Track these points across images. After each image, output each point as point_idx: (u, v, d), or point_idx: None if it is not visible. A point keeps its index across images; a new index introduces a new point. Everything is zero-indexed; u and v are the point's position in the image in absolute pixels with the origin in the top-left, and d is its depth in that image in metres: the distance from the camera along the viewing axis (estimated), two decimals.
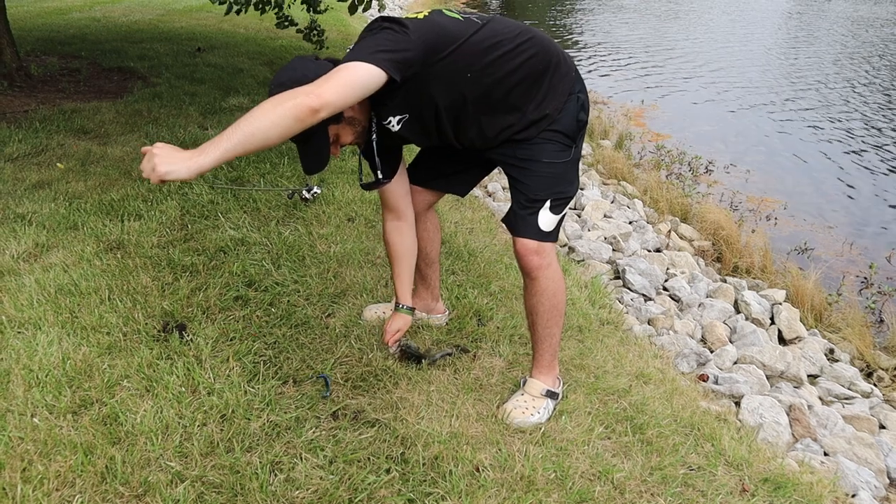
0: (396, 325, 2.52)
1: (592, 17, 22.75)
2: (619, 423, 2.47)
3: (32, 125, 4.84)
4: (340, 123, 2.11)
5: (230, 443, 2.09)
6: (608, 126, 9.07)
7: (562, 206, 2.31)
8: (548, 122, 2.22)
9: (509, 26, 2.19)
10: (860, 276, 5.61)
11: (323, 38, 7.08)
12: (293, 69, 2.05)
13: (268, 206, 3.76)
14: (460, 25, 2.12)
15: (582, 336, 3.10)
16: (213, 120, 5.36)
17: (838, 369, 3.95)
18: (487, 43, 2.11)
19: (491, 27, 2.15)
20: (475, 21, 2.15)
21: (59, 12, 11.03)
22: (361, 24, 13.26)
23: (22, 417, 2.11)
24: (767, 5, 29.86)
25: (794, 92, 12.22)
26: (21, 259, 3.04)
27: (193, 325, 2.65)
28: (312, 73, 1.96)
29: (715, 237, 5.85)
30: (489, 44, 2.12)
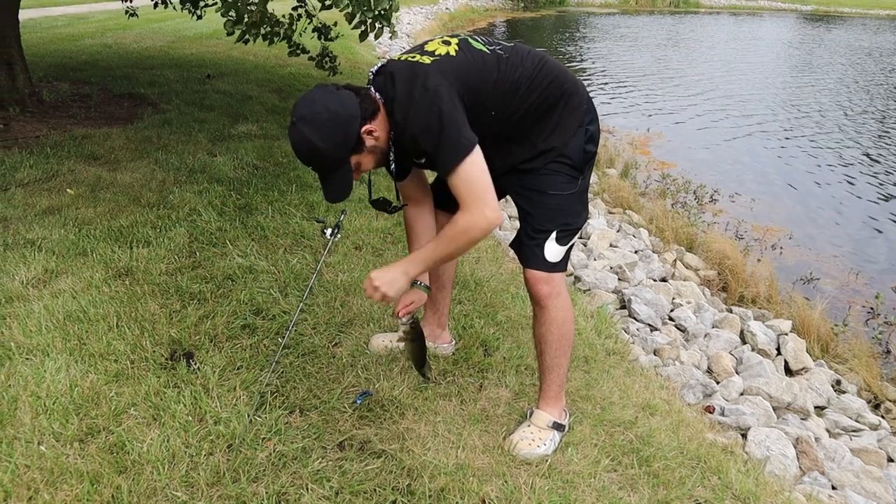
0: (410, 298, 2.41)
1: (596, 46, 22.95)
2: (625, 456, 2.46)
3: (43, 151, 4.89)
4: (363, 153, 2.12)
5: (236, 472, 2.09)
6: (614, 155, 9.11)
7: (568, 238, 2.33)
8: (555, 154, 2.25)
9: (527, 58, 2.22)
10: (866, 306, 5.61)
11: (335, 64, 7.15)
12: (322, 103, 2.01)
13: (275, 234, 3.78)
14: (488, 63, 2.15)
15: (588, 366, 3.10)
16: (222, 147, 5.40)
17: (845, 401, 3.94)
18: (510, 82, 2.16)
19: (512, 61, 2.18)
20: (499, 53, 2.19)
21: (72, 38, 11.16)
22: (369, 51, 13.40)
23: (29, 445, 2.11)
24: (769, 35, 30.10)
25: (798, 121, 12.28)
26: (30, 285, 3.05)
27: (201, 353, 2.66)
28: (349, 109, 2.01)
29: (720, 266, 5.86)
30: (511, 84, 2.16)
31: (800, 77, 18.16)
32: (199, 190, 4.35)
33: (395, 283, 2.16)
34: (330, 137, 2.00)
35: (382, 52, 14.70)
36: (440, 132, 2.00)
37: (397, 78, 2.08)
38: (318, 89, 2.07)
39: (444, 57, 2.10)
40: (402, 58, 2.17)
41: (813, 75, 18.33)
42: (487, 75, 2.13)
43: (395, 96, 2.08)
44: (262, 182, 4.61)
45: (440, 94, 2.00)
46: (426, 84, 2.02)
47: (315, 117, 1.98)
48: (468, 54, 2.14)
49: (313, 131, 1.99)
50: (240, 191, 4.40)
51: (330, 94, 2.04)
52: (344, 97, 2.04)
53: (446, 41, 2.19)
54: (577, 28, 29.70)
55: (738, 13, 42.93)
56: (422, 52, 2.15)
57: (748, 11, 44.51)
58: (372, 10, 4.60)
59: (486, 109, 2.15)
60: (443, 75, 2.04)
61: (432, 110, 2.00)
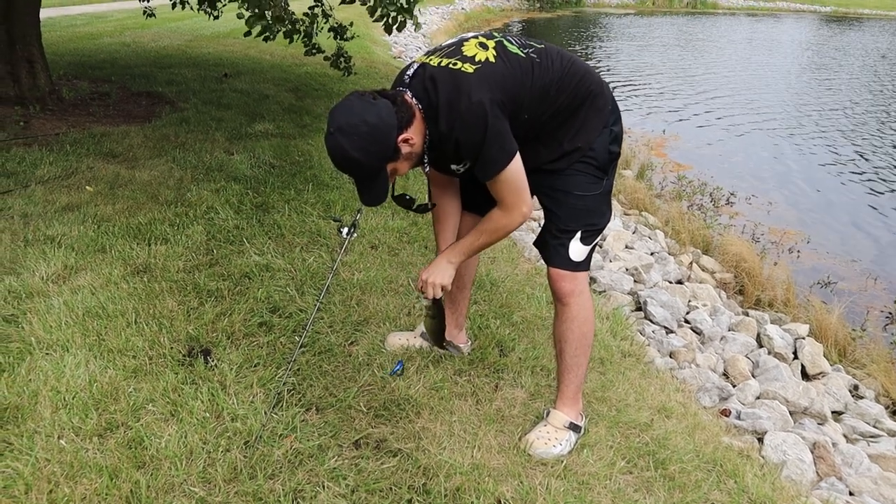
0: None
1: (611, 47, 22.88)
2: (641, 458, 2.45)
3: (63, 148, 4.93)
4: (399, 160, 2.12)
5: (253, 469, 2.10)
6: (630, 156, 9.09)
7: (592, 237, 2.34)
8: (579, 155, 2.26)
9: (556, 60, 2.22)
10: (885, 311, 5.56)
11: (350, 64, 7.17)
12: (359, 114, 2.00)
13: (292, 233, 3.80)
14: (524, 68, 2.15)
15: (604, 368, 3.09)
16: (239, 145, 5.43)
17: (863, 406, 3.90)
18: (542, 86, 2.16)
19: (544, 65, 2.18)
20: (533, 57, 2.18)
21: (91, 37, 11.26)
22: (384, 51, 13.43)
23: (49, 439, 2.14)
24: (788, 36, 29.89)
25: (817, 123, 12.19)
26: (50, 281, 3.08)
27: (218, 350, 2.67)
28: (387, 119, 2.01)
29: (737, 269, 5.83)
30: (543, 88, 2.17)
31: (819, 79, 18.03)
32: (216, 188, 4.37)
33: (445, 272, 2.36)
34: (368, 148, 2.01)
35: (398, 52, 14.72)
36: (483, 143, 2.05)
37: (440, 87, 2.07)
38: (355, 98, 2.05)
39: (486, 65, 2.09)
40: (443, 63, 2.12)
41: (833, 78, 18.19)
42: (525, 81, 2.13)
43: (437, 105, 2.07)
44: (279, 181, 4.63)
45: (484, 107, 2.02)
46: (471, 97, 2.02)
47: (353, 129, 1.98)
48: (507, 61, 2.13)
49: (351, 142, 1.98)
50: (257, 189, 4.42)
51: (367, 105, 2.02)
52: (381, 107, 2.03)
53: (483, 44, 2.16)
54: (592, 28, 29.63)
55: (756, 14, 42.69)
56: (462, 57, 2.11)
57: (766, 12, 44.25)
58: (395, 4, 4.60)
59: (522, 114, 2.16)
60: (487, 86, 2.04)
61: (478, 123, 2.03)
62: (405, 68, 2.23)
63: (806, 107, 13.72)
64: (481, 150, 2.07)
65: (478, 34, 2.26)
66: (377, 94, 2.08)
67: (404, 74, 2.20)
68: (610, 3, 43.18)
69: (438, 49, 2.23)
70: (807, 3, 49.09)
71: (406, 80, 2.17)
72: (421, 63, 2.19)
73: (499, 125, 2.06)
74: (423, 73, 2.14)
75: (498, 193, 2.17)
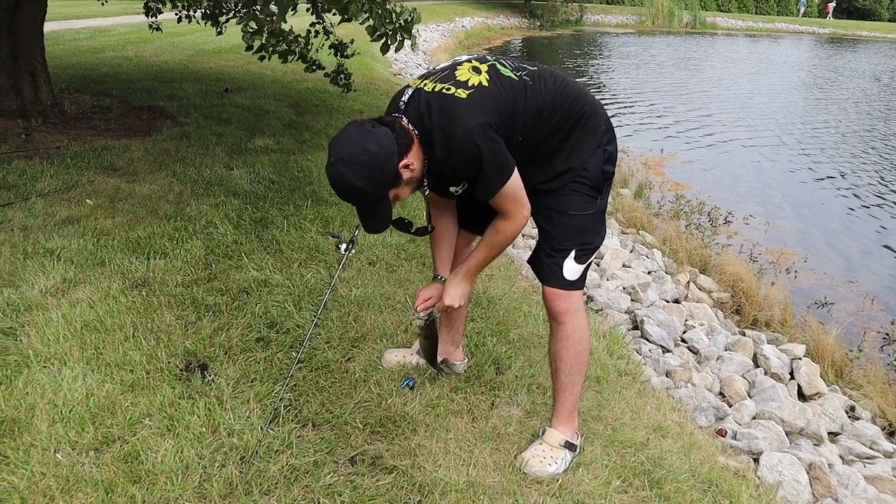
0: (429, 293, 2.51)
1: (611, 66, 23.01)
2: (636, 477, 2.46)
3: (64, 161, 4.95)
4: (401, 186, 2.14)
5: (249, 485, 2.10)
6: (628, 175, 9.12)
7: (587, 256, 2.36)
8: (573, 175, 2.28)
9: (549, 82, 2.25)
10: (882, 332, 5.57)
11: (350, 81, 7.21)
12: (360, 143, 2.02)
13: (291, 248, 3.81)
14: (517, 91, 2.17)
15: (600, 387, 3.10)
16: (239, 160, 5.45)
17: (859, 427, 3.91)
18: (535, 108, 2.19)
19: (537, 87, 2.21)
20: (526, 80, 2.21)
21: (93, 51, 11.31)
22: (385, 68, 13.50)
23: (45, 452, 2.14)
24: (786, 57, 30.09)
25: (815, 144, 12.25)
26: (49, 294, 3.09)
27: (215, 365, 2.68)
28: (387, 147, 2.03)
29: (734, 289, 5.84)
30: (536, 110, 2.19)
31: (817, 100, 18.14)
32: (215, 203, 4.39)
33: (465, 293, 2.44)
34: (370, 177, 2.02)
35: (398, 69, 14.80)
36: (481, 166, 2.08)
37: (434, 112, 2.10)
38: (353, 128, 2.06)
39: (479, 89, 2.11)
40: (437, 88, 2.14)
41: (831, 99, 18.30)
42: (518, 104, 2.16)
43: (432, 130, 2.10)
44: (278, 196, 4.65)
45: (479, 133, 2.05)
46: (466, 122, 2.05)
47: (354, 158, 1.99)
48: (499, 85, 2.15)
49: (353, 172, 2.00)
50: (256, 204, 4.43)
51: (367, 133, 2.04)
52: (380, 135, 2.04)
53: (476, 68, 2.18)
54: (592, 47, 29.81)
55: (755, 35, 42.97)
56: (455, 82, 2.13)
57: (765, 33, 44.55)
58: (393, 23, 4.63)
59: (515, 136, 2.18)
60: (480, 111, 2.07)
61: (473, 149, 2.06)
62: (400, 93, 2.25)
63: (807, 128, 13.78)
64: (479, 173, 2.10)
65: (471, 57, 2.28)
66: (375, 121, 2.10)
67: (399, 100, 2.21)
68: (609, 23, 43.47)
69: (433, 73, 2.25)
70: (805, 25, 49.50)
71: (402, 106, 2.18)
72: (415, 88, 2.20)
73: (494, 147, 2.08)
74: (417, 98, 2.16)
75: (500, 206, 2.21)
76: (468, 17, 32.62)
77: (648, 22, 43.65)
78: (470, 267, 2.39)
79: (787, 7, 57.07)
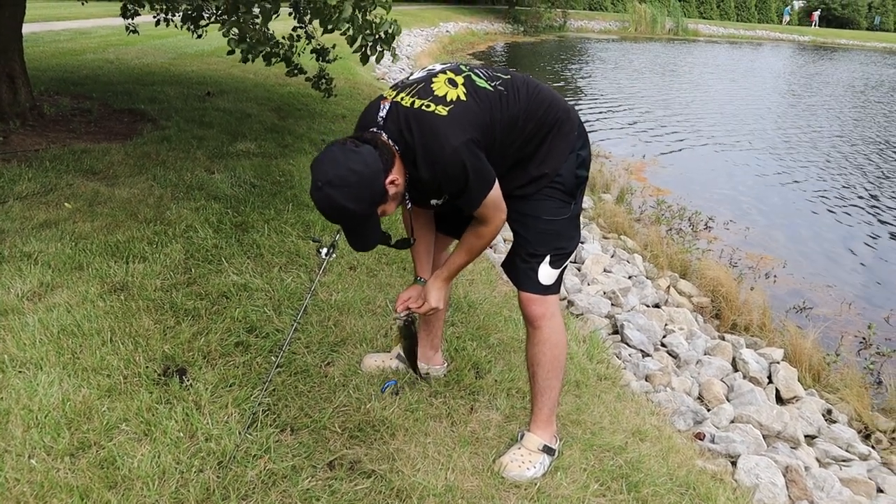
0: (409, 294, 2.50)
1: (593, 71, 23.14)
2: (614, 481, 2.47)
3: (42, 164, 4.91)
4: (388, 202, 2.14)
5: (226, 490, 2.09)
6: (609, 180, 9.17)
7: (562, 261, 2.38)
8: (547, 180, 2.30)
9: (522, 89, 2.26)
10: (859, 336, 5.63)
11: (332, 86, 7.20)
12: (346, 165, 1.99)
13: (271, 253, 3.80)
14: (493, 103, 2.18)
15: (579, 391, 3.11)
16: (220, 164, 5.43)
17: (836, 430, 3.95)
18: (511, 117, 2.21)
19: (511, 96, 2.22)
20: (500, 90, 2.22)
21: (74, 53, 11.22)
22: (368, 72, 13.49)
23: (19, 458, 2.12)
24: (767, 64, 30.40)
25: (794, 150, 12.39)
26: (25, 298, 3.06)
27: (194, 369, 2.67)
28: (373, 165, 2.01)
29: (714, 294, 5.88)
30: (512, 119, 2.21)
31: (796, 107, 18.34)
32: (196, 207, 4.37)
33: (445, 295, 2.47)
34: (359, 197, 2.01)
35: (382, 74, 14.81)
36: (466, 182, 2.10)
37: (415, 131, 2.09)
38: (337, 149, 2.04)
39: (458, 104, 2.11)
40: (416, 104, 2.12)
41: (810, 105, 18.51)
42: (495, 115, 2.17)
43: (415, 149, 2.09)
44: (259, 200, 4.63)
45: (463, 151, 2.06)
46: (449, 141, 2.05)
47: (342, 180, 1.97)
48: (476, 98, 2.16)
49: (342, 194, 1.98)
50: (237, 208, 4.42)
51: (351, 153, 2.01)
52: (365, 153, 2.02)
53: (452, 81, 2.18)
54: (576, 53, 29.96)
55: (737, 42, 43.39)
56: (434, 98, 2.12)
57: (746, 41, 44.99)
58: (373, 35, 4.63)
59: (495, 147, 2.19)
60: (461, 128, 2.07)
61: (458, 168, 2.07)
62: (375, 105, 2.22)
63: (786, 134, 13.94)
64: (465, 189, 2.12)
65: (445, 68, 2.27)
66: (356, 140, 2.08)
67: (376, 114, 2.18)
68: (593, 29, 43.73)
69: (408, 84, 2.22)
70: (785, 33, 50.05)
71: (380, 122, 2.16)
72: (392, 101, 2.18)
73: (477, 164, 2.10)
74: (396, 113, 2.14)
75: (481, 215, 2.23)
76: (452, 23, 32.69)
77: (631, 28, 43.96)
78: (451, 271, 2.41)
79: (767, 15, 57.73)
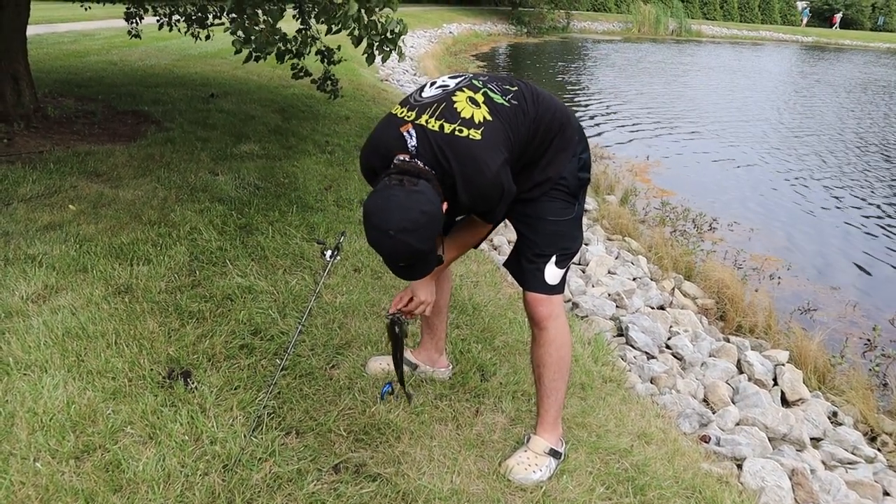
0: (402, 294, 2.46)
1: (596, 72, 23.13)
2: (620, 484, 2.46)
3: (46, 166, 4.91)
4: None
5: (231, 493, 2.09)
6: (613, 181, 9.16)
7: (567, 261, 2.39)
8: (551, 184, 2.31)
9: (529, 99, 2.26)
10: (864, 338, 5.61)
11: (337, 87, 7.20)
12: (416, 208, 1.94)
13: (275, 255, 3.80)
14: (512, 119, 2.18)
15: (584, 393, 3.10)
16: (224, 166, 5.43)
17: (841, 433, 3.93)
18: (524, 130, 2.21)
19: (522, 108, 2.22)
20: (514, 104, 2.21)
21: (78, 55, 11.24)
22: (372, 73, 13.50)
23: (24, 461, 2.12)
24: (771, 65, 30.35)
25: (798, 151, 12.37)
26: (30, 300, 3.06)
27: (198, 372, 2.66)
28: (436, 202, 1.99)
29: (719, 295, 5.87)
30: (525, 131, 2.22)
31: (801, 108, 18.30)
32: (200, 209, 4.37)
33: (429, 287, 2.40)
34: (431, 236, 2.01)
35: (385, 76, 14.82)
36: (499, 201, 2.14)
37: (451, 157, 2.05)
38: (400, 193, 1.96)
39: (487, 126, 2.09)
40: (446, 129, 2.07)
41: (814, 106, 18.47)
42: (514, 131, 2.18)
43: (453, 175, 2.07)
44: (264, 202, 4.63)
45: (503, 173, 2.10)
46: (490, 167, 2.06)
47: (415, 224, 1.94)
48: (499, 117, 2.14)
49: (417, 238, 1.95)
50: (241, 210, 4.42)
51: (416, 195, 1.96)
52: (426, 191, 1.98)
53: (473, 100, 2.15)
54: (579, 54, 29.95)
55: (740, 42, 43.34)
56: (463, 122, 2.08)
57: (750, 41, 44.95)
58: (379, 35, 4.62)
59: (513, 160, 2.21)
60: (496, 150, 2.09)
61: (496, 189, 2.10)
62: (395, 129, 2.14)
63: (790, 135, 13.92)
64: (495, 206, 2.17)
65: (461, 84, 2.23)
66: (405, 175, 2.00)
67: (400, 139, 2.11)
68: (596, 30, 43.71)
69: (427, 105, 2.16)
70: (789, 34, 50.01)
71: (412, 151, 2.10)
72: (419, 126, 2.11)
73: (509, 183, 2.14)
74: (426, 139, 2.08)
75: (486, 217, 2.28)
76: (455, 24, 32.71)
77: (635, 29, 43.94)
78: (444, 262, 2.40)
79: (770, 15, 57.69)
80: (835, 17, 58.43)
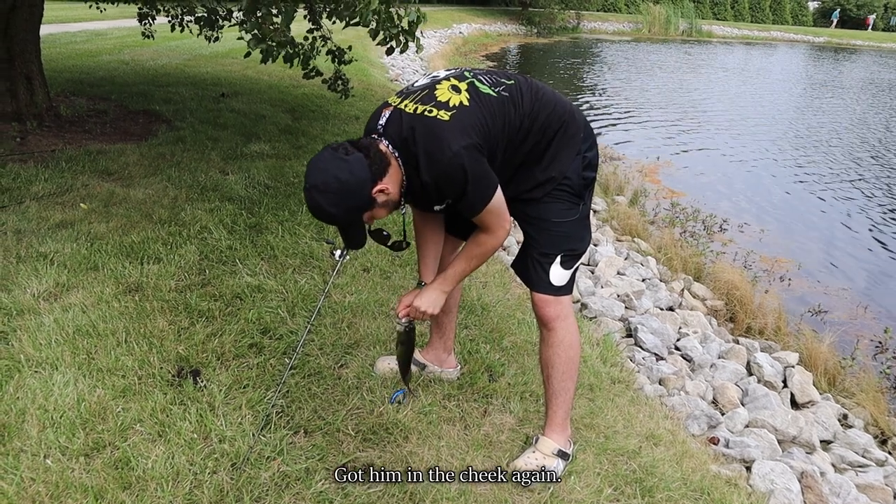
0: (411, 299, 2.47)
1: (607, 73, 23.07)
2: (628, 486, 2.46)
3: (59, 165, 4.95)
4: (375, 209, 2.14)
5: (240, 492, 2.10)
6: (623, 182, 9.13)
7: (573, 262, 2.37)
8: (554, 183, 2.29)
9: (525, 94, 2.25)
10: (875, 340, 5.58)
11: (348, 87, 7.21)
12: (332, 172, 2.02)
13: (285, 254, 3.81)
14: (496, 108, 2.17)
15: (593, 394, 3.10)
16: (235, 165, 5.45)
17: (852, 436, 3.91)
18: (514, 122, 2.20)
19: (514, 101, 2.21)
20: (504, 95, 2.21)
21: (90, 54, 11.30)
22: (382, 73, 13.52)
23: (35, 458, 2.13)
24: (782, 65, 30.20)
25: (809, 152, 12.30)
26: (41, 298, 3.08)
27: (208, 371, 2.68)
28: (359, 174, 2.03)
29: (728, 297, 5.84)
30: (516, 124, 2.21)
31: (812, 108, 18.20)
32: (210, 208, 4.39)
33: (437, 301, 2.39)
34: (342, 203, 2.04)
35: (396, 75, 14.81)
36: (466, 187, 2.09)
37: (418, 136, 2.09)
38: (328, 155, 2.06)
39: (460, 109, 2.10)
40: (419, 110, 2.12)
41: (826, 107, 18.37)
42: (498, 121, 2.16)
43: (416, 154, 2.09)
44: (274, 201, 4.65)
45: (465, 155, 2.06)
46: (451, 146, 2.05)
47: (326, 186, 2.01)
48: (479, 103, 2.15)
49: (326, 199, 2.02)
50: (251, 210, 4.43)
51: (339, 161, 2.03)
52: (353, 162, 2.04)
53: (456, 87, 2.17)
54: (589, 54, 29.88)
55: (751, 43, 43.14)
56: (437, 104, 2.12)
57: (761, 42, 44.73)
58: (396, 26, 4.62)
59: (498, 152, 2.20)
60: (464, 132, 2.07)
61: (458, 172, 2.07)
62: (377, 113, 2.22)
63: (801, 136, 13.85)
64: (465, 194, 2.11)
65: (449, 74, 2.26)
66: (351, 145, 2.09)
67: (377, 121, 2.19)
68: (606, 30, 43.60)
69: (412, 91, 2.22)
70: (800, 34, 49.74)
71: (380, 129, 2.17)
72: (394, 108, 2.18)
73: (478, 168, 2.09)
74: (398, 120, 2.14)
75: (482, 222, 2.22)
76: (465, 24, 32.70)
77: (645, 30, 43.79)
78: (447, 276, 2.38)
79: (782, 15, 57.39)
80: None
